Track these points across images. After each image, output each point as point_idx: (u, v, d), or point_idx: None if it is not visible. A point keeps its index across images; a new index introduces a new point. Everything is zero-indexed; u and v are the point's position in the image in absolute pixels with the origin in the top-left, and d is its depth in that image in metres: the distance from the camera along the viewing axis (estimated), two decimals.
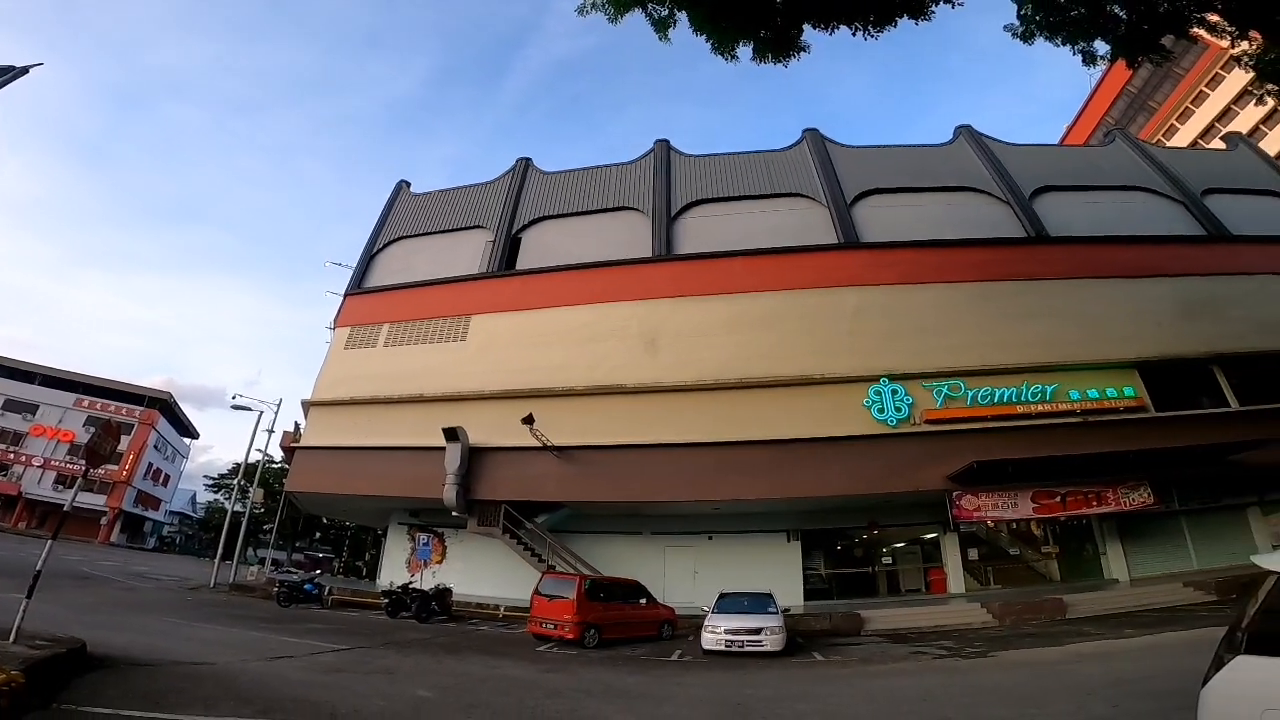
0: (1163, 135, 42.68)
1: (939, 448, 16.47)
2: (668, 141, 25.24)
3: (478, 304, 21.37)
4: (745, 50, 10.02)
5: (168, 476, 62.47)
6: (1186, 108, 43.41)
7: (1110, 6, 9.67)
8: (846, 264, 19.55)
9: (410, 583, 17.85)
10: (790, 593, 17.66)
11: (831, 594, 19.69)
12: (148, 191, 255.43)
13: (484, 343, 20.36)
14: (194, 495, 72.56)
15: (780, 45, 9.91)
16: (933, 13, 9.65)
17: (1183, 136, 42.10)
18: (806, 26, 9.88)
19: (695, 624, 12.88)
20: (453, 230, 24.76)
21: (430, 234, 25.10)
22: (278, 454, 31.61)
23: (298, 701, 6.25)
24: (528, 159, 26.47)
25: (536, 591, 13.41)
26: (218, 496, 54.48)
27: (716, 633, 11.65)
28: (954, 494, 16.30)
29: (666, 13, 9.46)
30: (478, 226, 24.38)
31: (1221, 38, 11.14)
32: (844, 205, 21.59)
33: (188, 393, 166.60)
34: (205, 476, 59.93)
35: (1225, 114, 39.62)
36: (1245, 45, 12.00)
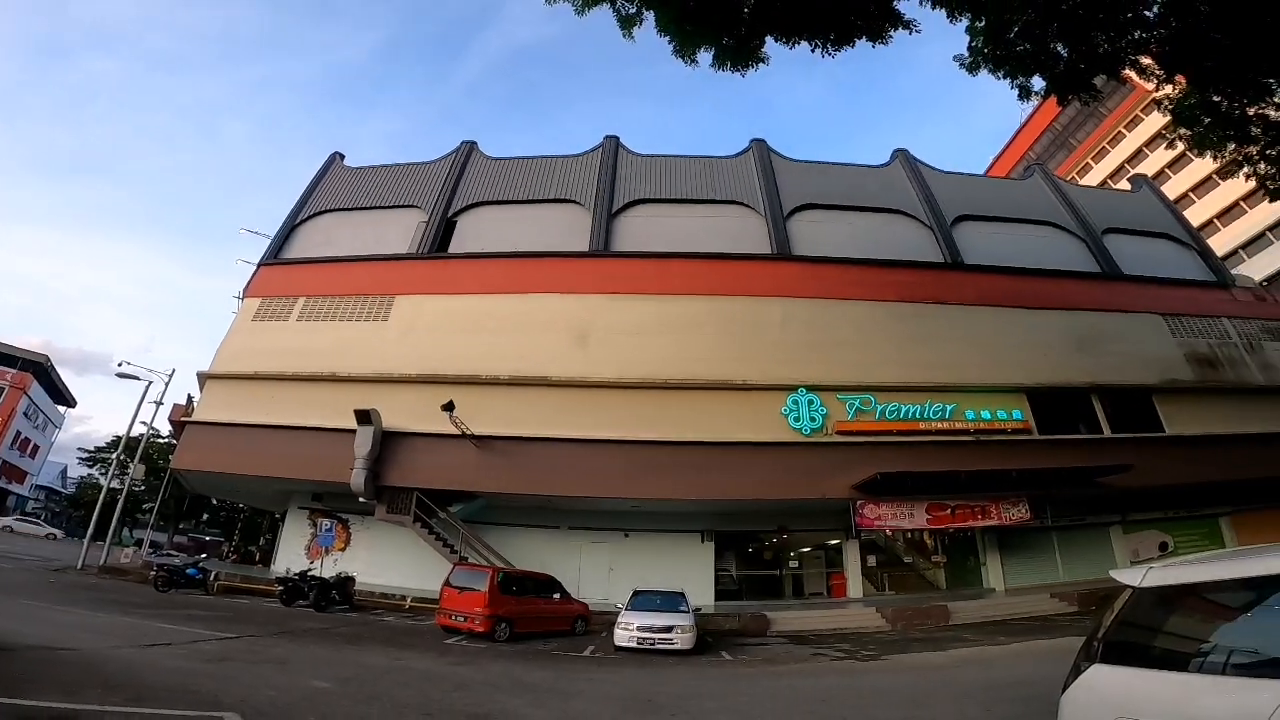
0: (1077, 173, 47.02)
1: (847, 458, 17.76)
2: (617, 138, 25.63)
3: (405, 284, 21.00)
4: (706, 56, 10.25)
5: (37, 447, 56.60)
6: (1103, 147, 48.00)
7: (1053, 44, 10.45)
8: (777, 275, 20.58)
9: (309, 570, 17.43)
10: (702, 592, 18.48)
11: (741, 595, 20.76)
12: (42, 143, 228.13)
13: (407, 324, 20.04)
14: (65, 469, 66.83)
15: (741, 55, 10.22)
16: (891, 37, 10.18)
17: (1095, 175, 46.55)
18: (769, 39, 10.22)
19: (609, 620, 13.20)
20: (385, 207, 24.26)
21: (361, 209, 24.46)
22: (165, 428, 29.71)
23: (174, 690, 6.05)
24: (473, 142, 26.28)
25: (447, 583, 13.44)
26: (92, 471, 50.18)
27: (629, 629, 11.98)
28: (858, 503, 17.61)
29: (634, 10, 9.58)
30: (412, 206, 23.98)
31: (1149, 80, 12.18)
32: (781, 217, 22.65)
33: (67, 356, 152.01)
34: (80, 449, 54.68)
35: (1136, 155, 43.94)
36: (1169, 89, 13.43)
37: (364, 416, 17.50)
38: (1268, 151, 12.76)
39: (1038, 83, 10.94)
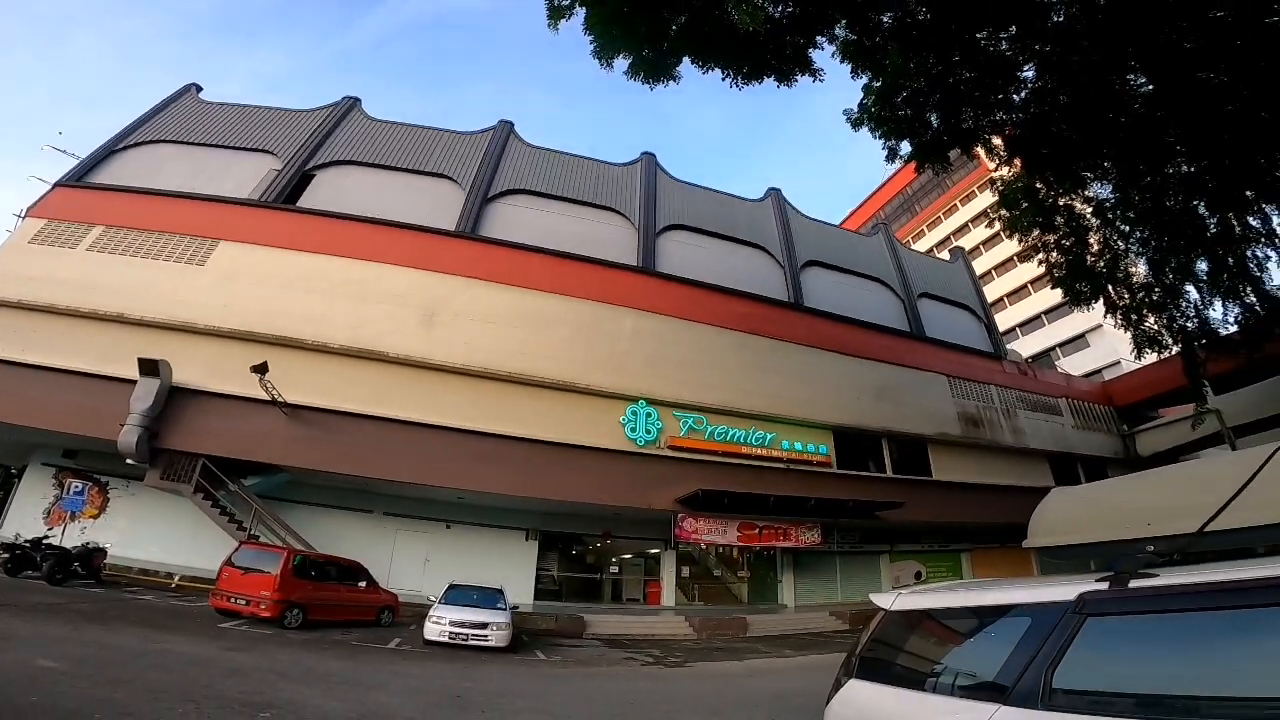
0: (913, 237, 55.35)
1: (674, 472, 19.71)
2: (512, 124, 25.82)
3: (235, 231, 19.48)
4: (622, 63, 10.92)
5: None
6: (939, 217, 56.95)
7: (929, 114, 12.40)
8: (638, 287, 22.07)
9: (46, 537, 15.61)
10: (522, 590, 19.32)
11: (561, 595, 21.89)
12: None
13: (228, 273, 18.56)
14: None
15: (657, 68, 11.03)
16: (796, 81, 11.56)
17: (926, 242, 55.11)
18: (687, 59, 11.14)
19: (421, 613, 13.32)
20: (235, 148, 22.59)
21: (206, 145, 22.57)
22: None
23: None
24: (356, 99, 25.26)
25: (229, 562, 12.83)
26: None
27: (441, 624, 12.18)
28: (679, 515, 19.57)
29: (568, 2, 10.03)
30: (267, 151, 22.52)
31: (994, 159, 14.62)
32: (653, 232, 24.35)
33: None
34: None
35: (962, 229, 52.72)
36: (1005, 171, 16.21)
37: (150, 366, 16.01)
38: (1062, 242, 15.97)
39: (905, 147, 12.85)
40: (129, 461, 16.30)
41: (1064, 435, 27.99)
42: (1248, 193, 13.57)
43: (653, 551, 23.55)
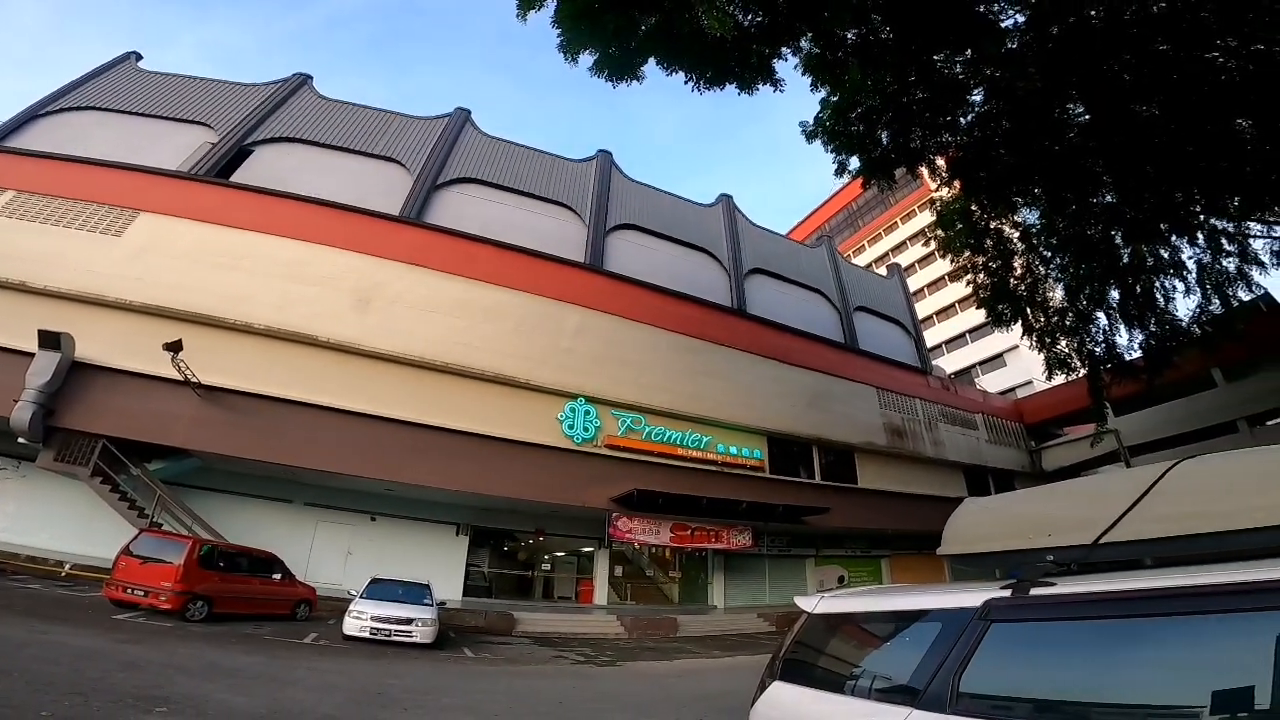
0: (854, 251, 57.33)
1: (611, 471, 19.68)
2: (469, 112, 25.38)
3: (158, 203, 18.24)
4: (588, 59, 10.81)
5: None
6: (879, 234, 59.21)
7: (880, 131, 12.88)
8: (585, 285, 21.92)
9: None
10: (451, 586, 18.86)
11: (491, 592, 21.49)
12: None
13: (146, 245, 17.31)
14: None
15: (622, 67, 11.00)
16: (757, 89, 11.72)
17: (866, 256, 57.20)
18: (652, 60, 11.13)
19: (341, 608, 12.86)
20: (170, 119, 21.49)
21: (138, 115, 21.38)
22: None
23: None
24: (308, 76, 24.32)
25: (126, 551, 11.93)
26: None
27: (362, 619, 11.81)
28: (614, 515, 19.58)
29: None
30: (203, 124, 21.44)
31: (935, 179, 15.35)
32: (603, 231, 24.33)
33: None
34: None
35: (900, 247, 55.01)
36: (945, 192, 16.90)
37: (50, 339, 14.75)
38: (989, 264, 17.05)
39: (854, 163, 13.32)
40: (21, 440, 15.00)
41: (979, 449, 29.62)
42: (1162, 225, 14.68)
43: (586, 550, 23.46)
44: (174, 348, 14.97)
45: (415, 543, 19.76)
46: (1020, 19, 11.29)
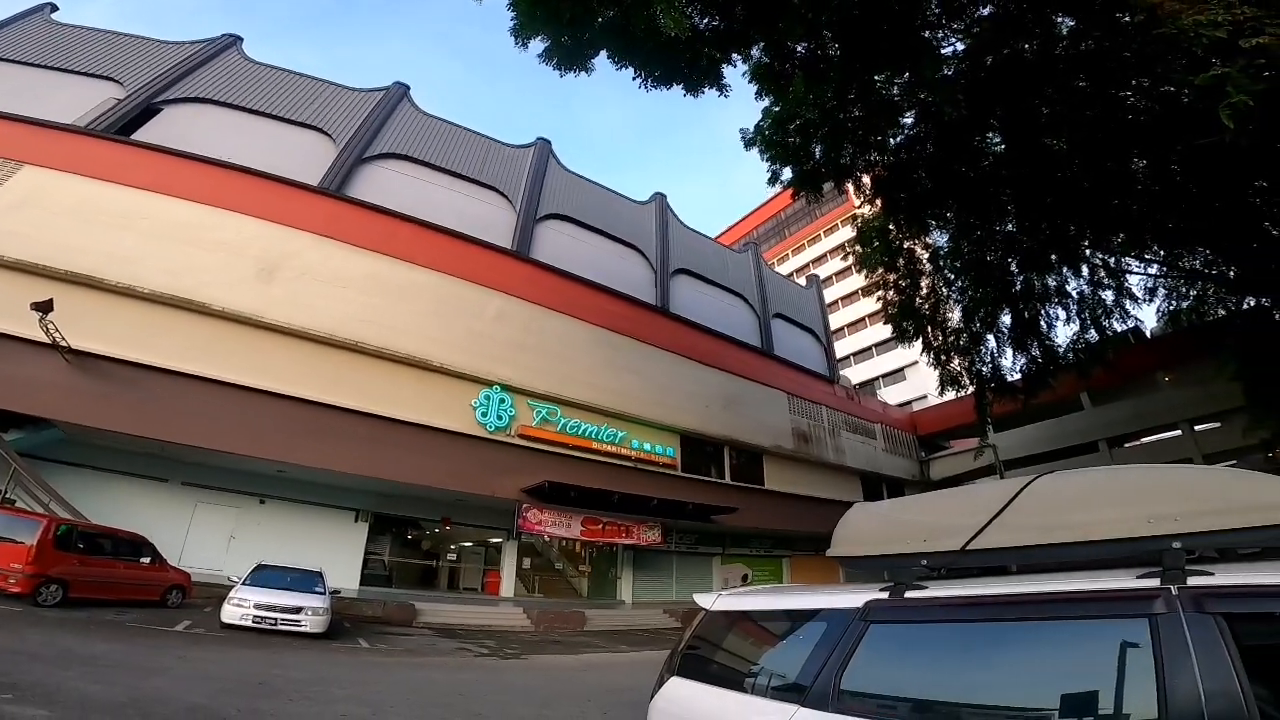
0: (778, 260, 59.27)
1: (523, 461, 19.38)
2: (407, 87, 24.44)
3: (45, 156, 16.46)
4: (539, 45, 10.69)
5: None
6: (803, 245, 61.49)
7: (815, 145, 13.24)
8: (508, 271, 21.41)
9: None
10: (347, 575, 18.05)
11: (392, 582, 20.77)
12: None
13: (26, 198, 15.53)
14: None
15: (573, 57, 10.91)
16: (703, 93, 11.91)
17: (789, 265, 59.24)
18: (604, 53, 11.05)
19: (220, 595, 12.08)
20: (74, 72, 19.89)
21: (39, 66, 19.78)
22: None
23: None
24: (238, 37, 22.64)
25: None
26: None
27: (244, 606, 11.12)
28: (524, 506, 19.29)
29: None
30: (111, 79, 19.86)
31: (860, 195, 15.90)
32: (533, 219, 23.94)
33: None
34: None
35: (821, 259, 57.29)
36: (867, 209, 17.53)
37: None
38: (899, 282, 17.94)
39: (787, 173, 13.62)
40: None
41: (875, 457, 31.42)
42: (1053, 255, 16.02)
43: (494, 541, 23.01)
44: (43, 308, 13.35)
45: (309, 528, 18.60)
46: (960, 47, 11.95)
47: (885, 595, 2.46)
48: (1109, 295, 17.73)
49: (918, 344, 18.79)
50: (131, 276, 15.59)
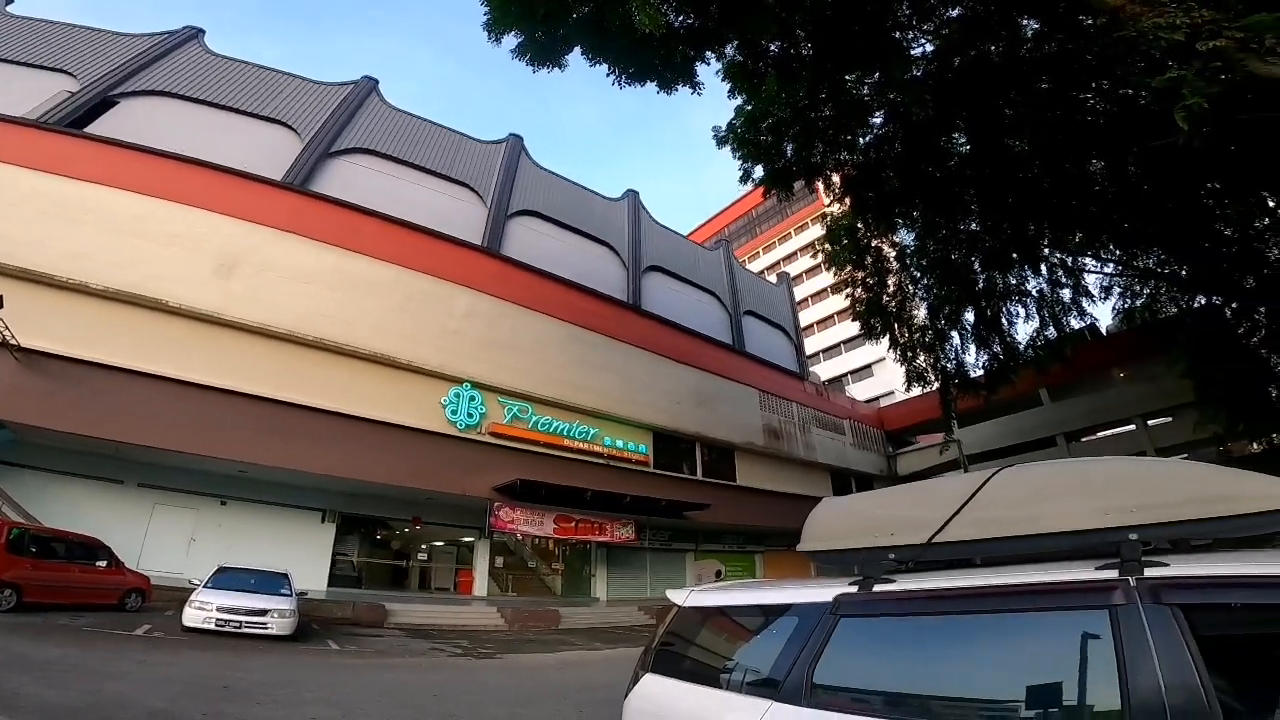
0: (749, 257, 59.69)
1: (494, 459, 19.18)
2: (376, 81, 24.00)
3: None
4: (512, 40, 10.55)
5: None
6: (774, 243, 62.05)
7: (787, 144, 13.31)
8: (477, 268, 21.12)
9: None
10: (315, 576, 17.64)
11: (361, 583, 20.38)
12: None
13: None
14: None
15: (546, 53, 10.81)
16: (676, 90, 11.95)
17: (760, 263, 59.68)
18: (578, 49, 10.97)
19: (181, 598, 11.73)
20: (25, 65, 19.17)
21: None
22: None
23: None
24: (200, 30, 21.95)
25: None
26: None
27: (206, 609, 10.84)
28: (496, 504, 19.11)
29: None
30: (63, 71, 19.12)
31: (830, 194, 16.16)
32: (504, 215, 23.66)
33: None
34: None
35: (791, 257, 57.90)
36: (836, 208, 17.72)
37: None
38: (867, 280, 18.26)
39: (759, 171, 13.66)
40: None
41: (844, 452, 31.89)
42: (1014, 254, 16.44)
43: (466, 540, 22.68)
44: None
45: (273, 529, 18.11)
46: (929, 48, 12.17)
47: (854, 589, 2.46)
48: (1067, 293, 18.32)
49: (885, 341, 19.13)
50: (82, 272, 15.00)
